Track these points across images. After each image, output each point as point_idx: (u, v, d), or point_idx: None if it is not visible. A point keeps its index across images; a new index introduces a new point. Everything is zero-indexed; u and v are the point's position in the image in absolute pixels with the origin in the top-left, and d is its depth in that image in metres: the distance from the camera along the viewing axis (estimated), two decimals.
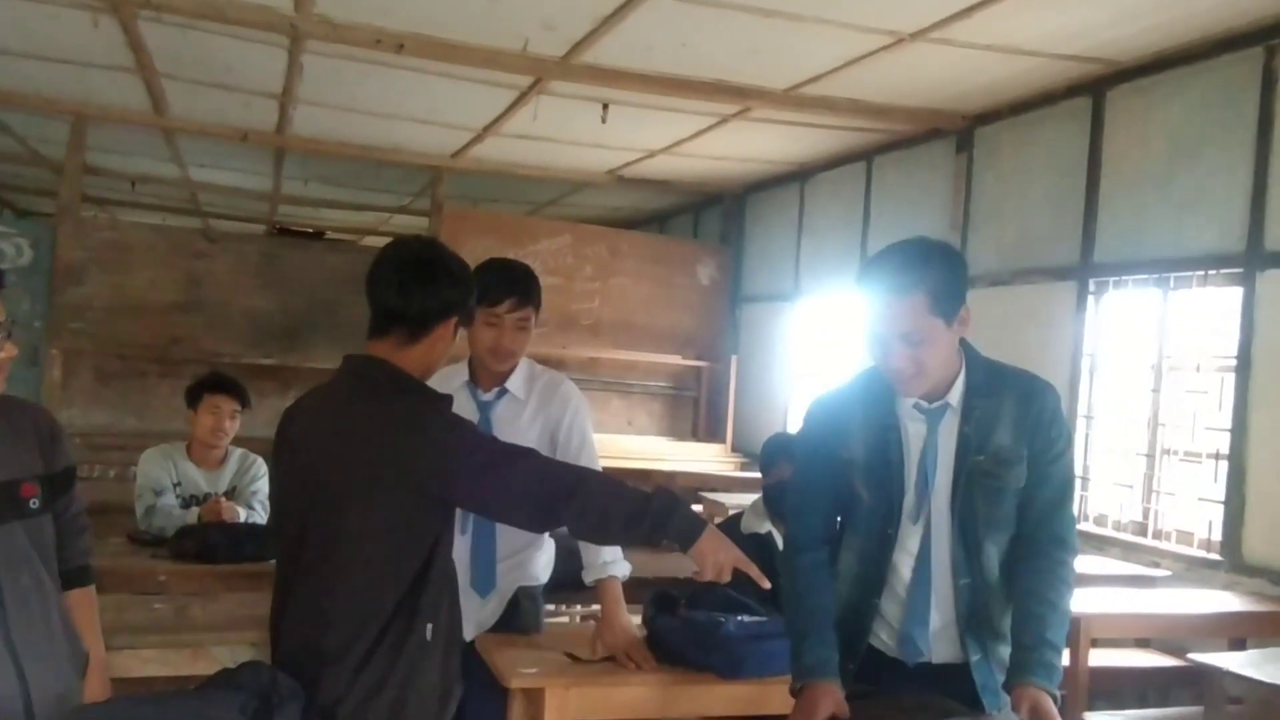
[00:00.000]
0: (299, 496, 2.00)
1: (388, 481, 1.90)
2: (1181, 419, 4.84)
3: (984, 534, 2.07)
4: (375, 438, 1.91)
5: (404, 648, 1.91)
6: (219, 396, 3.97)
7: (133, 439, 6.70)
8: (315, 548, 1.94)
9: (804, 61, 5.36)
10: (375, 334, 2.03)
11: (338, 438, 1.95)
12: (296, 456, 2.03)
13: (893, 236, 6.83)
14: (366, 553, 1.91)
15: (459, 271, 2.06)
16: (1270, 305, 4.37)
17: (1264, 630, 4.03)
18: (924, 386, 2.06)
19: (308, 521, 1.96)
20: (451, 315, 2.05)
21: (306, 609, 1.95)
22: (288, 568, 2.01)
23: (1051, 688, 1.94)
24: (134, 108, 7.28)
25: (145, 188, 10.14)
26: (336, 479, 1.92)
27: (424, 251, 2.07)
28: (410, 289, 1.98)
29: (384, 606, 1.90)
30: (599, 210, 10.31)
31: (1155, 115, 5.00)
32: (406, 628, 1.92)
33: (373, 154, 8.13)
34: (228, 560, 3.49)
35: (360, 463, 1.90)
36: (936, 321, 1.99)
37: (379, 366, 2.00)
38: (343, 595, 1.91)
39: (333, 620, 1.90)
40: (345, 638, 1.89)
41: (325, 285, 8.98)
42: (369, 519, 1.90)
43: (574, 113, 6.56)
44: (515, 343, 2.66)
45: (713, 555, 1.86)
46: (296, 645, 1.95)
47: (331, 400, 2.04)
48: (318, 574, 1.94)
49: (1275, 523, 4.29)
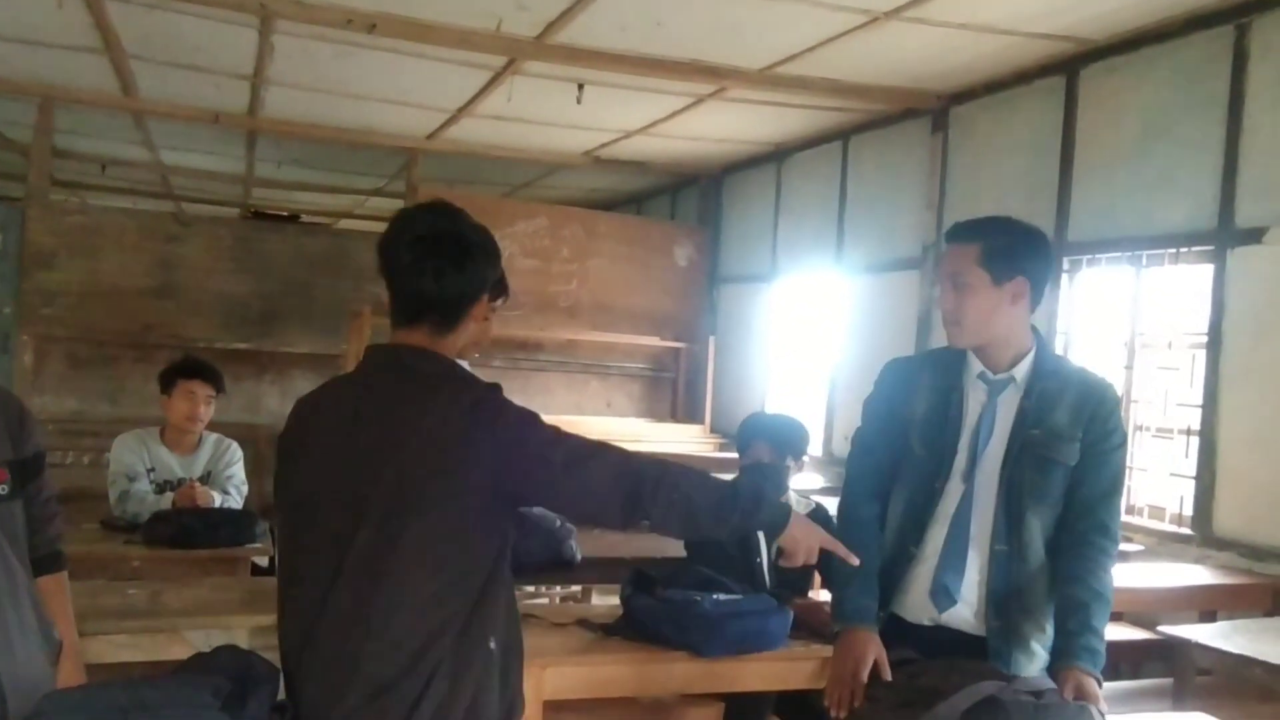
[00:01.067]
0: (337, 502, 1.73)
1: (462, 481, 1.70)
2: (1154, 396, 4.90)
3: (1028, 504, 2.15)
4: (445, 435, 1.71)
5: (470, 669, 1.70)
6: (193, 382, 3.94)
7: (106, 425, 6.66)
8: (366, 559, 1.69)
9: (779, 41, 5.35)
10: (404, 322, 1.82)
11: (394, 435, 1.72)
12: (328, 457, 1.77)
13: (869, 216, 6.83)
14: (434, 561, 1.69)
15: (488, 242, 1.85)
16: (1241, 282, 4.42)
17: (1233, 602, 4.10)
18: (963, 337, 2.18)
19: (354, 530, 1.70)
20: (485, 292, 1.85)
21: (351, 630, 1.68)
22: (315, 584, 1.73)
23: (1095, 672, 2.02)
24: (102, 89, 7.18)
25: (116, 171, 10.01)
26: (398, 481, 1.70)
27: (446, 226, 1.81)
28: (443, 271, 1.77)
29: (449, 622, 1.69)
30: (576, 192, 10.27)
31: (1128, 94, 5.03)
32: (472, 645, 1.71)
33: (346, 136, 8.06)
34: (204, 545, 3.48)
35: (429, 462, 1.70)
36: (981, 273, 2.13)
37: (427, 358, 1.79)
38: (403, 612, 1.67)
39: (390, 641, 1.66)
40: (405, 661, 1.66)
41: (300, 269, 8.92)
42: (440, 523, 1.70)
43: (549, 93, 6.52)
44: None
45: (805, 540, 1.85)
46: (337, 673, 1.68)
47: (372, 395, 1.79)
48: (369, 589, 1.68)
49: (1245, 497, 4.35)
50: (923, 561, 2.20)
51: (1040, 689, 1.87)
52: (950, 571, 2.16)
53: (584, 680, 2.45)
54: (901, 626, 2.22)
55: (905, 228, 6.53)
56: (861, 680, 2.07)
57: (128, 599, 2.77)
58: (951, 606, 2.17)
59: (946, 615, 2.18)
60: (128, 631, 2.58)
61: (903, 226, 6.56)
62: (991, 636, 2.15)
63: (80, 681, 2.06)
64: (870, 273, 6.88)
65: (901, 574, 2.23)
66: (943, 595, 2.17)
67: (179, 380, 3.93)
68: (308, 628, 1.72)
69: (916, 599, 2.21)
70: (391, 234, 1.83)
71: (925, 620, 2.21)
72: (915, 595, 2.22)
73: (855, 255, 7.11)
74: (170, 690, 1.63)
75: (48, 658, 2.01)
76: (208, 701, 1.60)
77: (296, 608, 1.76)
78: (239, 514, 3.77)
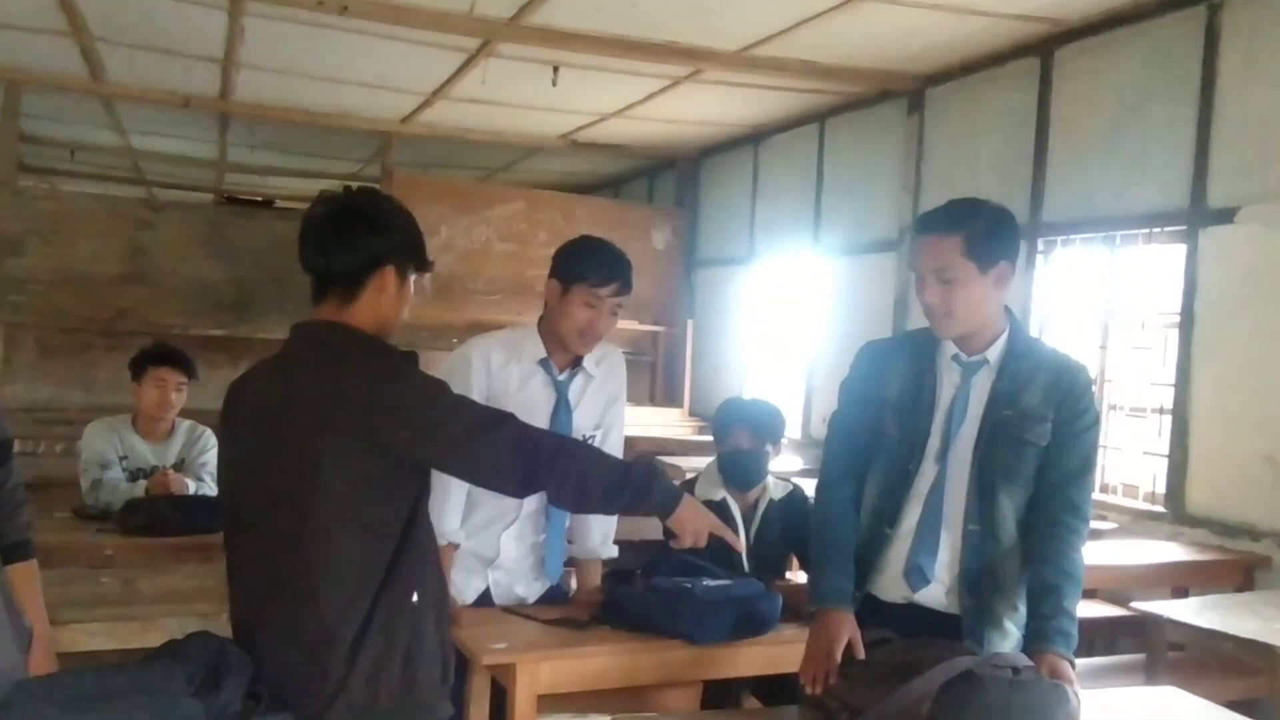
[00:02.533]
0: (263, 473, 1.85)
1: (366, 444, 1.78)
2: (1127, 375, 4.94)
3: (1000, 484, 2.16)
4: (348, 400, 1.78)
5: (398, 617, 1.80)
6: (164, 369, 3.89)
7: (79, 413, 6.58)
8: (290, 524, 1.80)
9: (755, 22, 5.33)
10: (316, 299, 1.93)
11: (305, 404, 1.81)
12: (255, 431, 1.88)
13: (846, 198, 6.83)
14: (346, 520, 1.79)
15: (381, 217, 1.91)
16: (1212, 262, 4.45)
17: (1205, 579, 4.15)
18: (954, 328, 2.17)
19: (278, 498, 1.81)
20: (384, 265, 1.89)
21: (287, 595, 1.80)
22: (256, 556, 1.86)
23: (1069, 654, 2.04)
24: (69, 73, 7.07)
25: (85, 156, 9.89)
26: (309, 447, 1.78)
27: (343, 204, 1.92)
28: (327, 246, 1.87)
29: (370, 578, 1.79)
30: (553, 175, 10.23)
31: (1102, 75, 5.04)
32: (396, 600, 1.81)
33: (320, 120, 7.98)
34: (178, 532, 3.44)
35: (335, 426, 1.78)
36: (969, 265, 2.12)
37: (335, 329, 1.88)
38: (326, 571, 1.77)
39: (318, 600, 1.77)
40: (334, 617, 1.76)
41: (275, 254, 8.84)
42: (348, 485, 1.78)
43: (524, 76, 6.48)
44: (608, 327, 2.56)
45: (691, 524, 1.90)
46: (280, 638, 1.80)
47: (289, 368, 1.89)
48: (295, 553, 1.79)
49: (1217, 475, 4.40)
50: (898, 542, 2.22)
51: (1017, 665, 1.88)
52: (924, 551, 2.18)
53: (577, 673, 2.44)
54: (877, 606, 2.24)
55: (882, 209, 6.54)
56: (835, 660, 2.08)
57: (100, 587, 2.74)
58: (925, 586, 2.19)
59: (920, 594, 2.20)
60: (100, 620, 2.55)
61: (879, 208, 6.58)
62: (965, 616, 2.17)
63: (52, 670, 2.04)
64: (848, 255, 6.89)
65: (877, 554, 2.24)
66: (917, 575, 2.19)
67: (149, 367, 3.89)
68: (256, 604, 1.83)
69: (891, 579, 2.23)
70: (303, 218, 1.94)
71: (900, 599, 2.22)
72: (890, 575, 2.23)
73: (832, 237, 7.12)
74: (141, 677, 1.61)
75: (18, 646, 1.98)
76: (180, 688, 1.59)
77: (241, 587, 1.89)
78: (213, 501, 3.72)
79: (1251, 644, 2.95)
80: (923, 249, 2.18)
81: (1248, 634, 2.99)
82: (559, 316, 2.54)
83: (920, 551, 2.18)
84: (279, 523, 1.81)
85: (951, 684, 1.80)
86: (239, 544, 1.92)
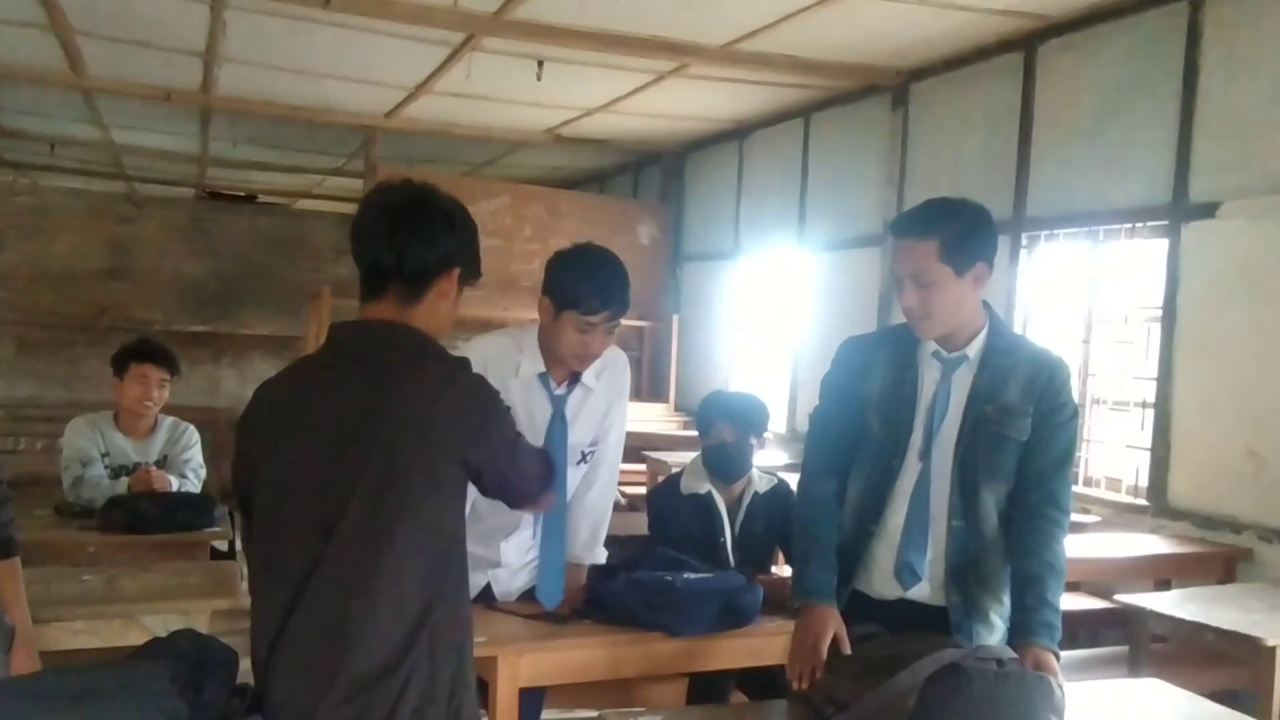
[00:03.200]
0: (317, 489, 1.67)
1: (447, 460, 1.70)
2: (1110, 369, 4.97)
3: (982, 480, 2.17)
4: (431, 412, 1.68)
5: (448, 652, 1.69)
6: (146, 365, 3.86)
7: (60, 410, 6.53)
8: (355, 547, 1.64)
9: (740, 16, 5.33)
10: (370, 295, 1.77)
11: (376, 415, 1.67)
12: (303, 442, 1.70)
13: (831, 194, 6.83)
14: (421, 545, 1.67)
15: (458, 215, 1.79)
16: (1194, 256, 4.48)
17: (1187, 571, 4.18)
18: (934, 329, 2.18)
19: (339, 517, 1.65)
20: (453, 267, 1.78)
21: (333, 624, 1.63)
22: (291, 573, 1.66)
23: (1054, 646, 2.05)
24: (49, 66, 6.99)
25: (65, 150, 9.80)
26: (386, 464, 1.65)
27: (415, 195, 1.77)
28: (403, 239, 1.72)
29: (429, 609, 1.67)
30: (538, 170, 10.21)
31: (1084, 70, 5.06)
32: (449, 628, 1.70)
33: (303, 114, 7.93)
34: (161, 530, 3.42)
35: (417, 441, 1.67)
36: (945, 269, 2.12)
37: (399, 330, 1.73)
38: (388, 603, 1.64)
39: (376, 635, 1.63)
40: (390, 653, 1.63)
41: (258, 250, 8.80)
42: (427, 505, 1.67)
43: (509, 70, 6.45)
44: (604, 347, 2.50)
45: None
46: (319, 668, 1.63)
47: (347, 374, 1.72)
48: (356, 579, 1.64)
49: (1198, 468, 4.43)
50: (883, 538, 2.22)
51: (1002, 657, 1.89)
52: (913, 549, 2.19)
53: (558, 666, 2.44)
54: (866, 602, 2.25)
55: (867, 205, 6.55)
56: (821, 655, 2.09)
57: (83, 585, 2.72)
58: (917, 584, 2.20)
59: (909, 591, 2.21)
60: (83, 618, 2.53)
61: (864, 203, 6.59)
62: (953, 611, 2.18)
63: (34, 669, 2.03)
64: (832, 250, 6.91)
65: (862, 551, 2.25)
66: (908, 573, 2.19)
67: (131, 363, 3.86)
68: (283, 618, 1.66)
69: (879, 575, 2.23)
70: (362, 206, 1.82)
71: (889, 596, 2.23)
72: (877, 571, 2.24)
73: (817, 232, 7.13)
74: (124, 676, 1.60)
75: (0, 645, 1.97)
76: (163, 687, 1.57)
77: (270, 598, 1.69)
78: (197, 498, 3.71)
79: (1233, 635, 2.98)
80: (900, 253, 2.18)
81: (1229, 625, 3.02)
82: (552, 336, 2.47)
83: (909, 549, 2.19)
84: (346, 539, 1.65)
85: (937, 676, 1.81)
86: (274, 556, 1.71)
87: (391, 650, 1.63)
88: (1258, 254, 4.21)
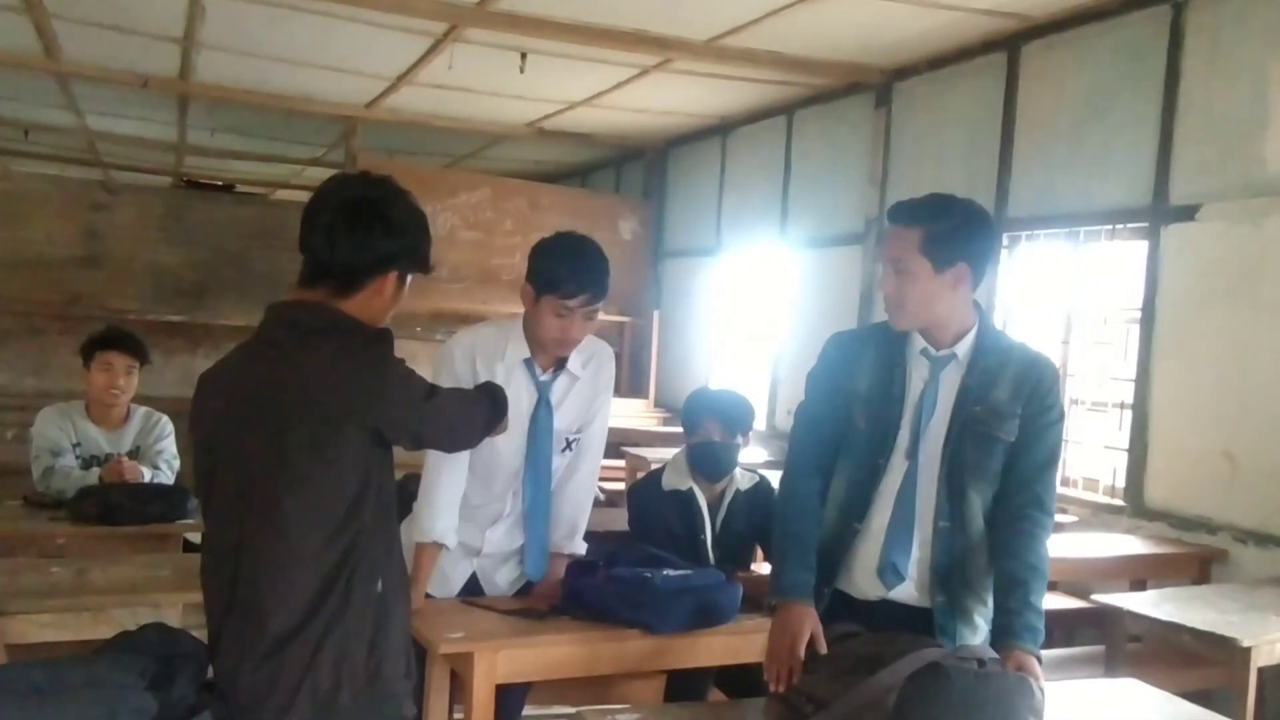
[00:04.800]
0: (231, 468, 1.77)
1: (344, 426, 1.74)
2: (1089, 370, 4.99)
3: (970, 481, 2.16)
4: (329, 379, 1.73)
5: (364, 610, 1.75)
6: (111, 353, 3.78)
7: (32, 399, 6.44)
8: (260, 516, 1.73)
9: (724, 12, 5.31)
10: (304, 283, 1.81)
11: (283, 385, 1.74)
12: (222, 424, 1.79)
13: (814, 191, 6.80)
14: (317, 511, 1.73)
15: (402, 220, 1.81)
16: (1174, 258, 4.50)
17: (1163, 571, 4.21)
18: (904, 320, 2.18)
19: (249, 491, 1.74)
20: (388, 270, 1.81)
21: (255, 589, 1.72)
22: (225, 551, 1.76)
23: (1036, 650, 2.05)
24: (23, 50, 6.88)
25: (40, 136, 9.65)
26: (279, 437, 1.72)
27: (364, 193, 1.80)
28: (338, 237, 1.75)
29: (339, 567, 1.73)
30: (519, 164, 10.16)
31: (1067, 71, 5.08)
32: (363, 587, 1.75)
33: (282, 103, 7.85)
34: (133, 521, 3.37)
35: (313, 407, 1.72)
36: (922, 260, 2.11)
37: (318, 310, 1.78)
38: (296, 564, 1.71)
39: (286, 593, 1.70)
40: (302, 610, 1.70)
41: (235, 239, 8.73)
42: (322, 475, 1.73)
43: (491, 62, 6.41)
44: (583, 332, 2.53)
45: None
46: (246, 630, 1.72)
47: (267, 352, 1.79)
48: (265, 547, 1.73)
49: (1175, 469, 4.46)
50: (868, 538, 2.20)
51: (983, 657, 1.88)
52: (898, 549, 2.17)
53: (535, 662, 2.42)
54: (848, 603, 2.22)
55: (849, 202, 6.55)
56: (799, 655, 2.07)
57: (51, 577, 2.67)
58: (900, 584, 2.18)
59: (893, 591, 2.19)
60: (51, 610, 2.48)
61: (846, 201, 6.59)
62: (937, 612, 2.16)
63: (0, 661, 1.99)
64: (814, 247, 6.91)
65: (845, 550, 2.22)
66: (891, 573, 2.17)
67: (97, 352, 3.79)
68: (229, 595, 1.74)
69: (862, 575, 2.21)
70: (314, 195, 1.84)
71: (872, 596, 2.21)
72: (861, 572, 2.21)
73: (799, 229, 7.13)
74: (93, 669, 1.57)
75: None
76: (132, 681, 1.55)
77: (216, 578, 1.78)
78: (170, 489, 3.66)
79: (1210, 636, 2.99)
80: (888, 237, 2.21)
81: (1205, 626, 3.03)
82: (533, 321, 2.51)
83: (894, 549, 2.16)
84: (253, 514, 1.74)
85: (917, 676, 1.79)
86: (211, 536, 1.83)
87: (305, 610, 1.71)
88: (1236, 257, 4.24)
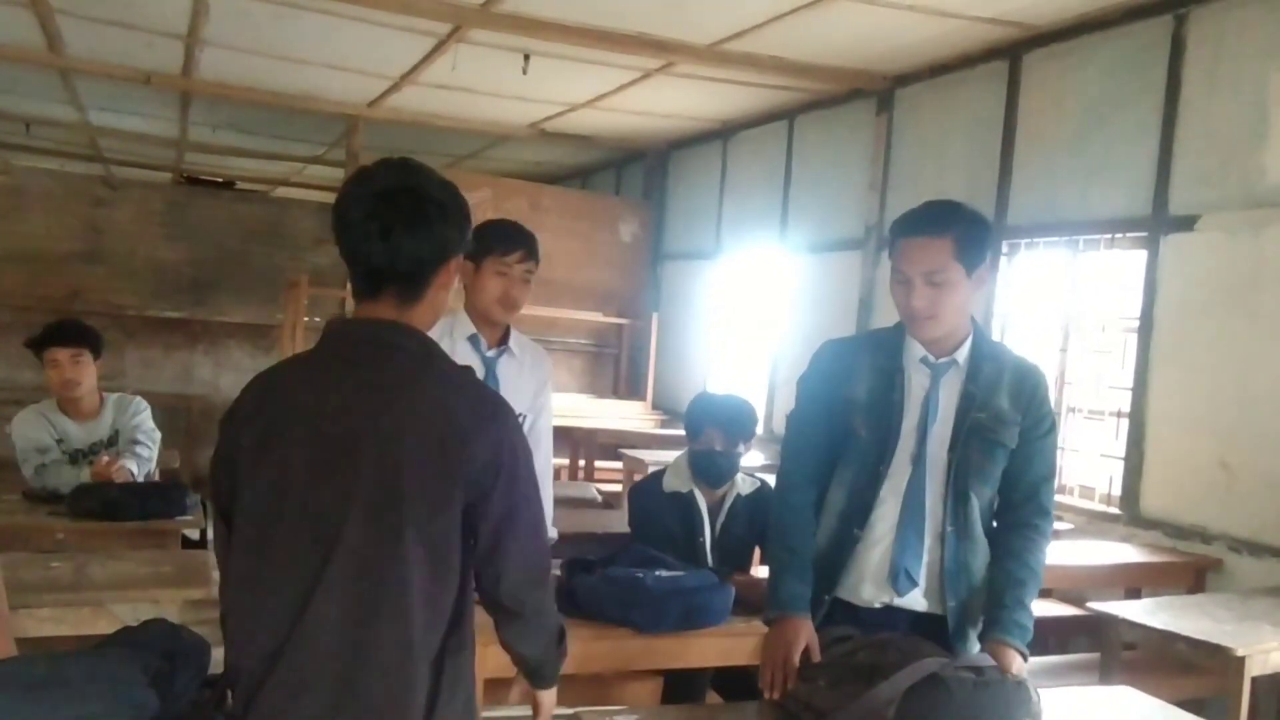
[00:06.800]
0: (316, 498, 1.51)
1: (461, 476, 1.52)
2: (1086, 378, 5.00)
3: (973, 485, 2.17)
4: (444, 423, 1.53)
5: (461, 672, 1.58)
6: (52, 349, 3.75)
7: (30, 394, 6.40)
8: (358, 561, 1.49)
9: (728, 16, 5.32)
10: (366, 294, 1.60)
11: (384, 420, 1.51)
12: (299, 446, 1.53)
13: (814, 196, 6.83)
14: (432, 559, 1.52)
15: (448, 199, 1.60)
16: (1172, 268, 4.51)
17: (1158, 580, 4.22)
18: (937, 330, 2.16)
19: (339, 529, 1.49)
20: (451, 258, 1.61)
21: (342, 644, 1.49)
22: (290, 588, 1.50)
23: (1023, 646, 2.08)
24: (26, 44, 6.88)
25: (41, 131, 9.66)
26: (394, 473, 1.50)
27: (402, 185, 1.57)
28: (398, 239, 1.54)
29: (445, 628, 1.55)
30: (521, 164, 10.16)
31: (1069, 80, 5.09)
32: (461, 647, 1.59)
33: (285, 101, 7.85)
34: (132, 517, 3.37)
35: (428, 451, 1.51)
36: (958, 267, 2.10)
37: (401, 331, 1.58)
38: (402, 622, 1.50)
39: (390, 655, 1.50)
40: (405, 678, 1.50)
41: (235, 236, 8.72)
42: (441, 520, 1.52)
43: (494, 63, 6.42)
44: (522, 294, 2.73)
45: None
46: (325, 692, 1.49)
47: (349, 375, 1.56)
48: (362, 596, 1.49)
49: (1171, 478, 4.47)
50: (870, 545, 2.19)
51: (980, 665, 1.89)
52: (909, 554, 2.16)
53: None
54: (851, 611, 2.21)
55: (849, 208, 6.57)
56: (793, 664, 2.07)
57: (50, 571, 2.68)
58: (913, 589, 2.18)
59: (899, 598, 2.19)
60: (50, 605, 2.49)
61: (846, 207, 6.60)
62: (951, 616, 2.17)
63: (9, 653, 1.99)
64: (814, 252, 6.92)
65: (845, 557, 2.21)
66: (904, 579, 2.17)
67: (41, 351, 3.76)
68: (282, 637, 1.50)
69: (865, 582, 2.20)
70: (345, 191, 1.61)
71: (876, 603, 2.20)
72: (863, 579, 2.20)
73: (799, 234, 7.14)
74: (95, 664, 1.58)
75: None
76: (134, 676, 1.55)
77: (261, 614, 1.52)
78: (169, 486, 3.66)
79: (1205, 645, 3.00)
80: (912, 251, 2.11)
81: (1200, 634, 3.04)
82: (475, 293, 2.73)
83: (905, 554, 2.16)
84: (348, 552, 1.49)
85: (917, 689, 1.80)
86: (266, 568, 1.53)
87: (406, 680, 1.51)
88: (1234, 268, 4.25)
